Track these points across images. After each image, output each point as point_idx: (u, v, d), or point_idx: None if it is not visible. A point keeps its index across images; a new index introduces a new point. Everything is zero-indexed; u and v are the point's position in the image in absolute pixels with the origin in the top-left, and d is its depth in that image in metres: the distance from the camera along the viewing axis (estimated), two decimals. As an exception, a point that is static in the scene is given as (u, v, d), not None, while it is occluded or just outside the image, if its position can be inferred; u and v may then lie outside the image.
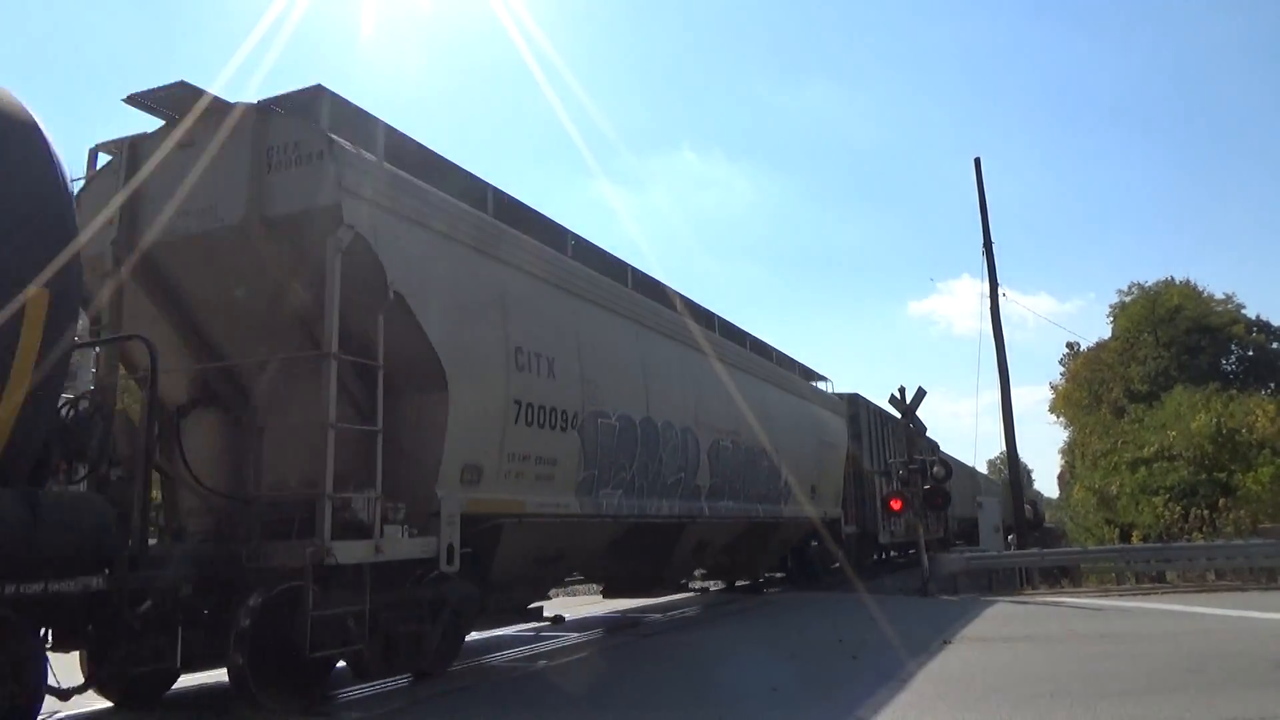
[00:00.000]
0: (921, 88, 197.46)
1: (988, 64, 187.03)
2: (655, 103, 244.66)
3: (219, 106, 7.17)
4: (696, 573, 18.24)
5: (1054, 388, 51.14)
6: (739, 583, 19.32)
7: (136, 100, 7.21)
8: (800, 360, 18.98)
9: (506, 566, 8.92)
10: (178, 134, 7.22)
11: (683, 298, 13.24)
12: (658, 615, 14.39)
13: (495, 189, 9.23)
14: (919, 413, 19.13)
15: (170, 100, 7.23)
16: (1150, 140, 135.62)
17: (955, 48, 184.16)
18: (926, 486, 18.19)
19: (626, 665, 9.32)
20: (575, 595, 17.94)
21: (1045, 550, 20.92)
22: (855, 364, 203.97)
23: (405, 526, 7.29)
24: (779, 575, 20.21)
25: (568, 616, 11.73)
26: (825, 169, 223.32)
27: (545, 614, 10.13)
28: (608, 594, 14.71)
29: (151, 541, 6.78)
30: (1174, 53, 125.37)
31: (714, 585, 19.82)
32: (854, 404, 22.94)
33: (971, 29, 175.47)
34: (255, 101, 7.30)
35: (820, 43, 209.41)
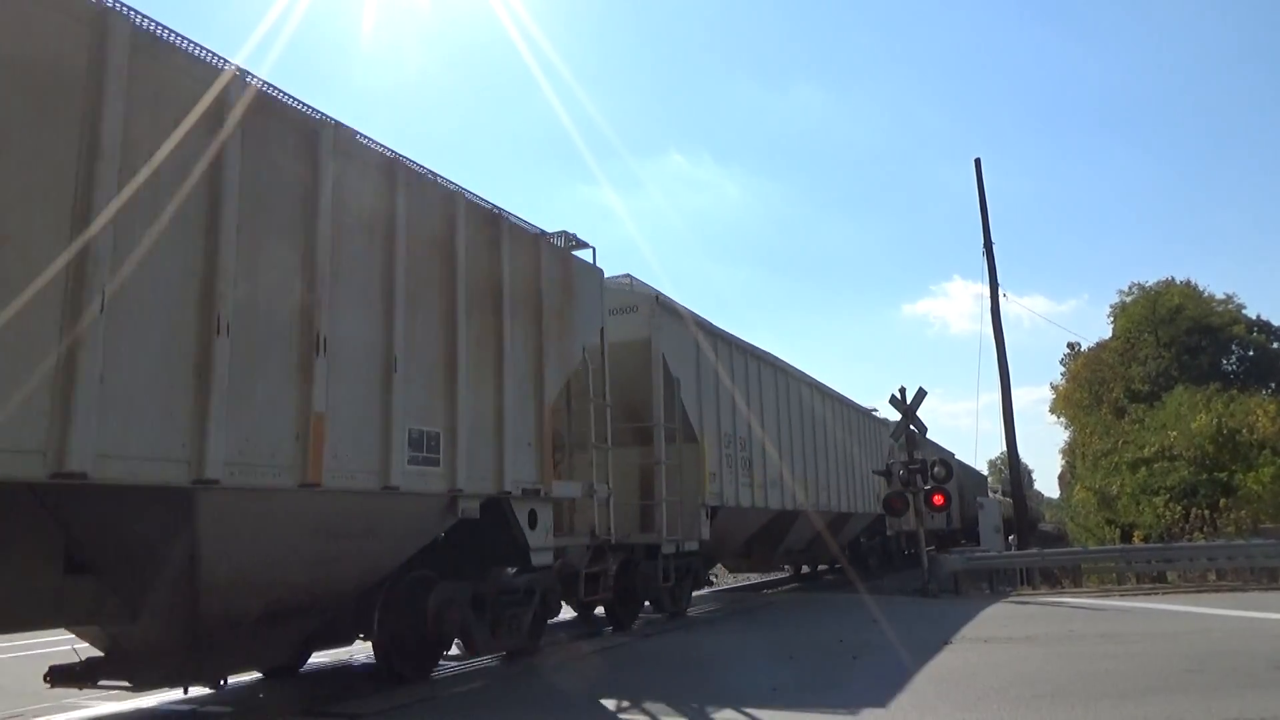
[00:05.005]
0: (909, 89, 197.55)
1: (977, 65, 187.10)
2: (641, 105, 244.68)
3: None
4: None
5: (1054, 388, 51.10)
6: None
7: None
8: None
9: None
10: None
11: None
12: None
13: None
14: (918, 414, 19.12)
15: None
16: (1144, 141, 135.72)
17: (944, 49, 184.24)
18: (927, 486, 18.17)
19: (625, 665, 9.32)
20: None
21: (1045, 550, 20.91)
22: (852, 366, 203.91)
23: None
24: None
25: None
26: (814, 171, 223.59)
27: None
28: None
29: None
30: (1167, 52, 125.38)
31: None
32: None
33: (960, 30, 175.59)
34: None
35: (806, 45, 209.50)
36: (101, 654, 6.19)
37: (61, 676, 5.99)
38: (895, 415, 24.45)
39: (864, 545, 24.66)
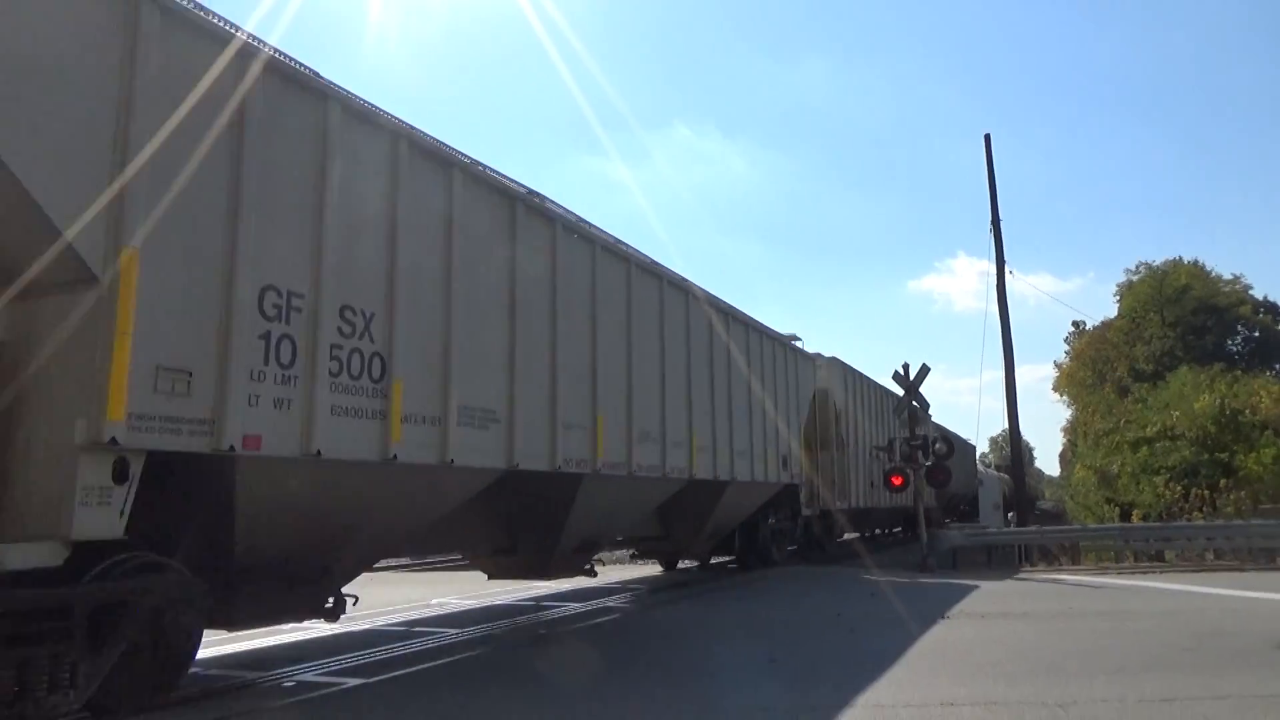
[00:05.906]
0: (918, 64, 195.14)
1: (986, 42, 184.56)
2: (646, 76, 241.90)
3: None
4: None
5: (1058, 366, 51.10)
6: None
7: None
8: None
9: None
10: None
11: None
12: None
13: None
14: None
15: None
16: (1153, 120, 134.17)
17: (953, 24, 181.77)
18: (928, 463, 18.23)
19: (621, 638, 9.38)
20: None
21: (1045, 528, 20.98)
22: (857, 342, 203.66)
23: None
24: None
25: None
26: (820, 146, 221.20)
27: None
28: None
29: None
30: (1176, 30, 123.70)
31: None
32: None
33: (970, 6, 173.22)
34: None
35: (814, 18, 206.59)
36: None
37: None
38: (823, 349, 19.78)
39: (769, 528, 16.86)
